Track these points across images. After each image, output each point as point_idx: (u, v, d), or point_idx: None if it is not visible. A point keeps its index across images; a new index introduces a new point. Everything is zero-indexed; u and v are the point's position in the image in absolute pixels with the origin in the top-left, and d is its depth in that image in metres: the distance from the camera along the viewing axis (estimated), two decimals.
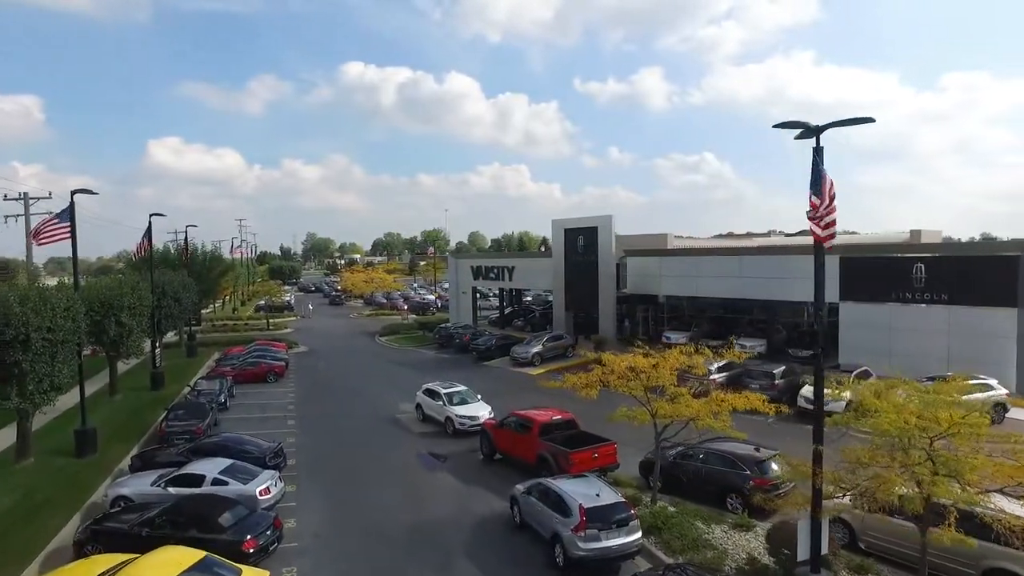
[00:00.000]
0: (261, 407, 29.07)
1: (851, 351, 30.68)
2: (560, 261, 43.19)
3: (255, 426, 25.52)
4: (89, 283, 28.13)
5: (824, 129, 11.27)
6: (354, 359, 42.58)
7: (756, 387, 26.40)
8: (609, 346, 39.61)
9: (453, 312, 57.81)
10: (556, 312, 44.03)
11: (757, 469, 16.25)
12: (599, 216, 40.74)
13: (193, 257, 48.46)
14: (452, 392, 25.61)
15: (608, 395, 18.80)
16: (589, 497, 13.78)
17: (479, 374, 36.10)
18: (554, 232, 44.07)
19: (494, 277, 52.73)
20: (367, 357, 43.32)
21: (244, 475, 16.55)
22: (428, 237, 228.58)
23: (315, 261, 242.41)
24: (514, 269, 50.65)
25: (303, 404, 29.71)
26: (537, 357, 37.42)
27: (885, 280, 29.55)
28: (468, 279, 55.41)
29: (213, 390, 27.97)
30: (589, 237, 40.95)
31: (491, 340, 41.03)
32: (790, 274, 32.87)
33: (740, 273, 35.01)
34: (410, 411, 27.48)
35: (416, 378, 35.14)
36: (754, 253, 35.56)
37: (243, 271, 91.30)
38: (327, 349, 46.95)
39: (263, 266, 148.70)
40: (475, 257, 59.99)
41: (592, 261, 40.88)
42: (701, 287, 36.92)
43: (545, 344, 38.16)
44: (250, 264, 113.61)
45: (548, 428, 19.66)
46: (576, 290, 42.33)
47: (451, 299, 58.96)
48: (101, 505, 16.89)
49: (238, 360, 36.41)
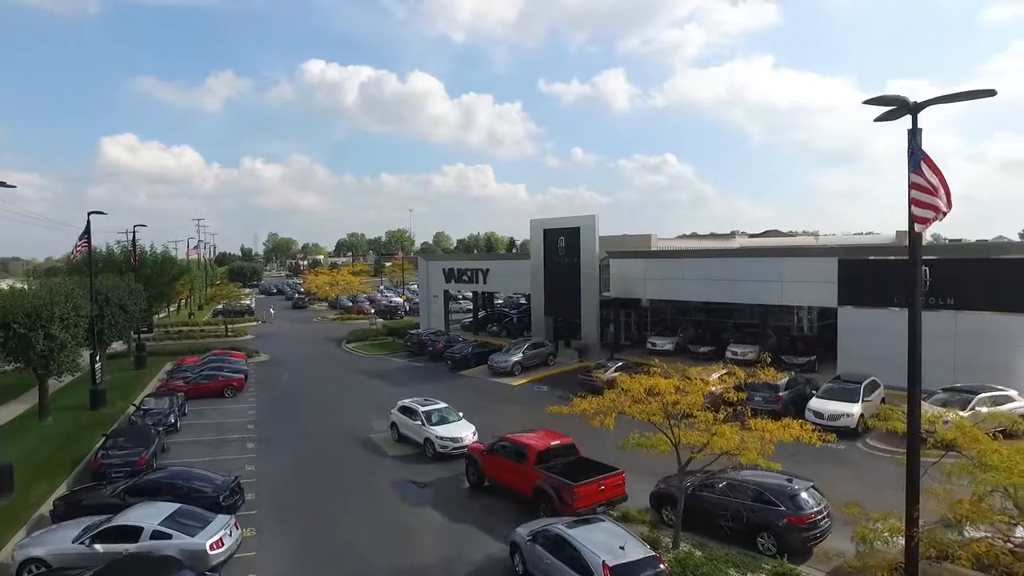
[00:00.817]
0: (217, 427, 26.09)
1: (851, 358, 29.24)
2: (539, 263, 41.01)
3: (209, 451, 22.64)
4: (11, 291, 24.64)
5: (924, 107, 9.25)
6: (320, 369, 39.63)
7: (759, 399, 24.67)
8: (592, 353, 37.65)
9: (424, 317, 55.13)
10: (535, 317, 41.84)
11: (792, 504, 14.24)
12: (582, 216, 38.69)
13: (142, 259, 44.62)
14: (431, 410, 23.14)
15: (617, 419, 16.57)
16: (612, 551, 11.56)
17: (455, 385, 33.67)
18: (532, 233, 41.87)
19: (467, 280, 50.29)
20: (334, 366, 40.41)
21: (192, 523, 13.83)
22: (393, 237, 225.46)
23: (277, 262, 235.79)
24: (489, 272, 48.29)
25: (265, 423, 26.83)
26: (517, 366, 35.15)
27: (887, 283, 28.13)
28: (440, 282, 52.82)
29: (162, 409, 24.93)
30: (571, 238, 38.87)
31: (467, 348, 38.60)
32: (782, 277, 31.36)
33: (730, 276, 33.35)
34: (384, 430, 24.92)
35: (388, 390, 32.69)
36: (744, 255, 34.01)
37: (200, 273, 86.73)
38: (290, 358, 43.83)
39: (222, 267, 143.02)
40: (447, 259, 57.41)
41: (574, 263, 38.81)
42: (690, 290, 35.19)
43: (526, 352, 35.91)
44: (208, 266, 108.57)
45: (546, 455, 17.41)
46: (556, 294, 40.21)
47: (422, 303, 56.28)
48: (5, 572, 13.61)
49: (192, 372, 33.19)
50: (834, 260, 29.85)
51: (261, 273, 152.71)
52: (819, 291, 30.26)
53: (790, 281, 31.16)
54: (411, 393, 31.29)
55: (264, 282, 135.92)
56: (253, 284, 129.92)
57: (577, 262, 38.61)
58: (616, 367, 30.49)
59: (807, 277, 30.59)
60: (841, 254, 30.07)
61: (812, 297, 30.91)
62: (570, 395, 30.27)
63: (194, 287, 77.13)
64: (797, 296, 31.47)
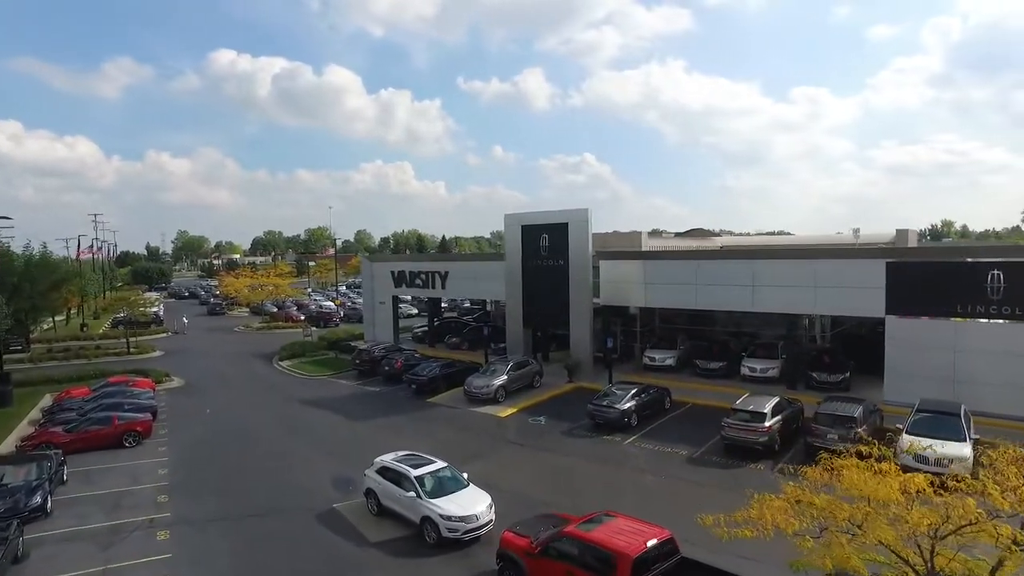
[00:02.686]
0: (110, 504, 18.46)
1: (901, 377, 25.06)
2: (516, 266, 35.00)
3: (95, 552, 15.29)
4: None
5: None
6: (251, 398, 31.94)
7: (835, 436, 19.80)
8: (584, 371, 32.07)
9: (368, 326, 47.91)
10: (511, 329, 35.81)
11: None
12: (571, 210, 32.97)
13: (9, 263, 35.14)
14: (426, 474, 16.71)
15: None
16: None
17: (427, 418, 27.20)
18: (508, 230, 35.77)
19: (421, 284, 43.58)
20: (268, 394, 32.80)
21: None
22: (312, 235, 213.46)
23: (188, 261, 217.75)
24: (448, 275, 41.83)
25: (182, 490, 19.43)
26: (501, 391, 28.99)
27: (948, 290, 24.07)
28: (388, 286, 45.81)
29: (21, 485, 17.18)
30: (557, 236, 33.09)
31: (433, 368, 32.03)
32: (816, 282, 26.87)
33: (752, 280, 28.59)
34: (354, 495, 18.35)
35: (344, 428, 25.89)
36: (770, 256, 29.34)
37: (95, 276, 74.89)
38: (212, 382, 35.74)
39: (124, 269, 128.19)
40: (398, 260, 50.44)
41: (560, 266, 33.07)
42: (702, 297, 30.19)
43: (510, 374, 29.79)
44: (106, 267, 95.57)
45: (643, 565, 11.44)
46: (538, 302, 34.34)
47: (365, 310, 49.00)
48: None
49: (78, 413, 25.09)
50: (881, 262, 25.57)
51: (170, 274, 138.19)
52: (862, 298, 25.92)
53: (826, 287, 26.68)
54: (373, 431, 24.88)
55: (174, 284, 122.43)
56: (161, 287, 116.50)
57: (565, 264, 32.88)
58: (634, 394, 25.01)
59: (847, 282, 26.20)
60: (889, 256, 25.79)
61: (853, 305, 26.55)
62: (584, 431, 24.30)
63: (88, 293, 65.87)
64: (835, 304, 27.07)
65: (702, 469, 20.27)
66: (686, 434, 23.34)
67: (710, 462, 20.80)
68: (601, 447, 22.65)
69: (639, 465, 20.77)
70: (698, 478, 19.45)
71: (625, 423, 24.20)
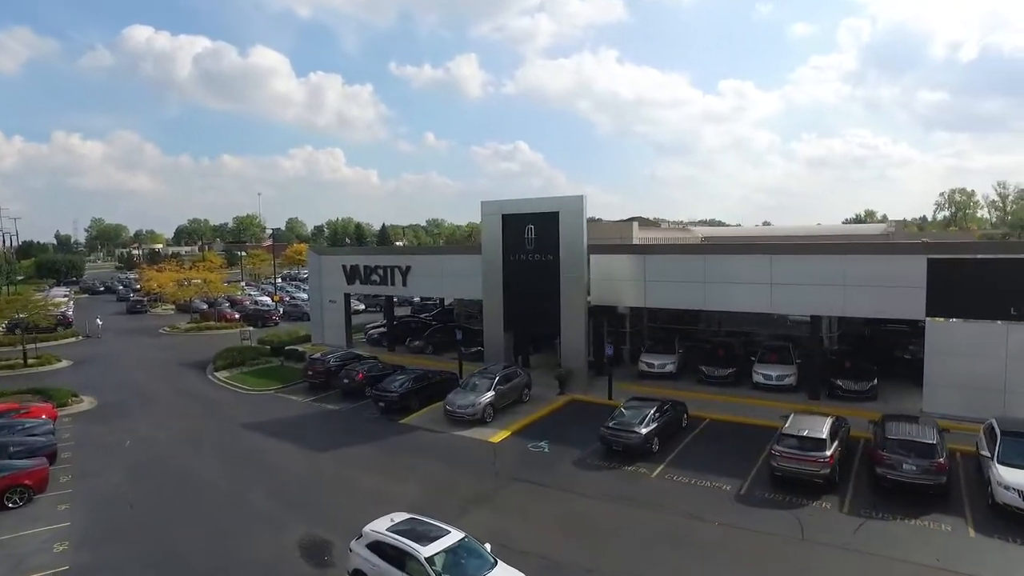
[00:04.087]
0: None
1: (943, 388, 22.50)
2: (495, 260, 30.66)
3: None
4: None
5: None
6: (184, 423, 26.35)
7: (912, 469, 16.74)
8: (578, 381, 28.25)
9: (316, 328, 42.57)
10: (490, 332, 31.49)
11: None
12: (562, 198, 28.85)
13: None
14: (439, 551, 12.34)
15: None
16: None
17: (404, 448, 22.66)
18: (485, 219, 31.29)
19: (379, 281, 38.63)
20: (205, 417, 27.30)
21: None
22: (241, 224, 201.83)
23: (103, 252, 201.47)
24: (410, 270, 37.09)
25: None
26: (489, 410, 24.77)
27: (999, 289, 21.50)
28: (339, 283, 40.63)
29: None
30: (545, 227, 28.95)
31: (404, 381, 27.27)
32: (845, 280, 23.99)
33: (772, 279, 25.43)
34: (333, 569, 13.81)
35: (305, 463, 21.04)
36: (792, 252, 26.14)
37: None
38: (132, 402, 29.79)
39: (27, 261, 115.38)
40: (351, 253, 44.98)
41: (549, 262, 28.97)
42: (713, 297, 26.79)
43: (498, 389, 25.53)
44: (5, 258, 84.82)
45: None
46: (522, 302, 30.17)
47: (313, 309, 43.57)
48: None
49: None
50: (922, 259, 22.79)
51: (82, 266, 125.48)
52: (899, 299, 23.15)
53: (857, 286, 23.78)
54: (339, 467, 20.62)
55: (87, 277, 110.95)
56: (72, 281, 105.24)
57: (554, 260, 28.80)
58: (654, 413, 21.29)
59: (882, 281, 23.35)
60: (930, 252, 22.99)
61: (889, 306, 23.73)
62: (598, 459, 20.26)
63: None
64: (867, 305, 24.16)
65: (758, 511, 16.74)
66: (718, 461, 19.86)
67: (763, 500, 17.32)
68: (625, 482, 18.82)
69: (680, 507, 17.05)
70: (761, 525, 15.88)
71: (648, 449, 20.50)
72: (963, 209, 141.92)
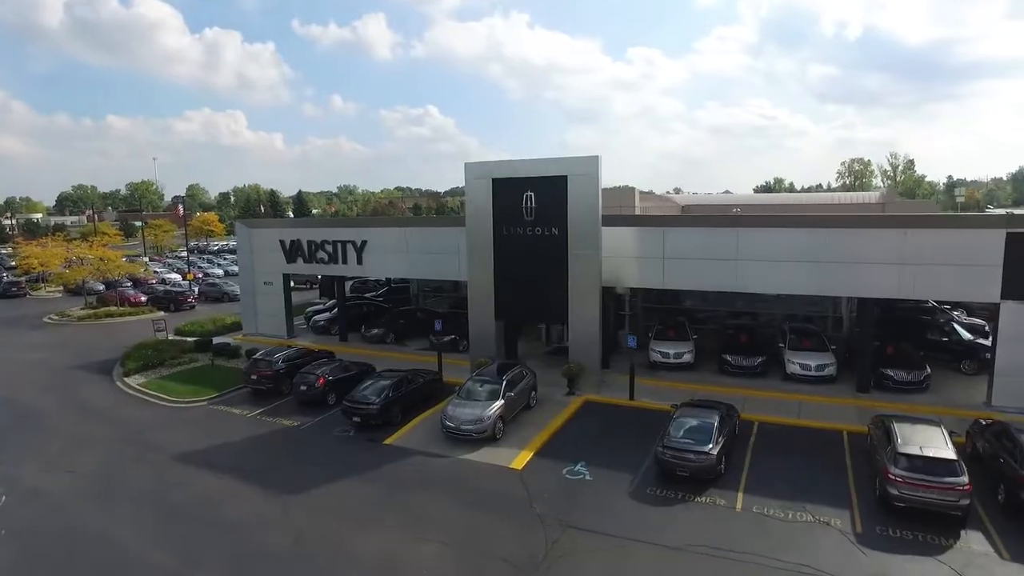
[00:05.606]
0: None
1: (1015, 378, 19.84)
2: (484, 234, 25.45)
3: None
4: None
5: None
6: (87, 462, 19.77)
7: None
8: (590, 379, 23.93)
9: (248, 315, 35.99)
10: (475, 321, 26.37)
11: None
12: (572, 158, 23.86)
13: None
14: None
15: None
16: None
17: (398, 485, 17.42)
18: (470, 185, 25.81)
19: (326, 259, 32.51)
20: (119, 447, 20.76)
21: None
22: (135, 190, 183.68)
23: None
24: (365, 245, 31.26)
25: None
26: (499, 424, 19.96)
27: None
28: (277, 261, 34.20)
29: None
30: (549, 194, 24.00)
31: (382, 389, 21.75)
32: (904, 259, 20.89)
33: (818, 256, 21.90)
34: None
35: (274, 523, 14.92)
36: (840, 225, 22.55)
37: None
38: (8, 432, 22.63)
39: None
40: (291, 226, 38.16)
41: (555, 236, 24.18)
42: (749, 277, 22.97)
43: (507, 397, 20.65)
44: None
45: None
46: (517, 285, 25.26)
47: (244, 294, 36.70)
48: None
49: None
50: (1000, 232, 19.82)
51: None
52: (969, 278, 20.22)
53: (920, 264, 20.64)
54: (322, 524, 15.04)
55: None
56: None
57: (561, 234, 24.04)
58: (719, 425, 17.26)
59: (950, 259, 20.29)
60: (1010, 225, 20.03)
61: (957, 287, 20.77)
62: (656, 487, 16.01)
63: None
64: (932, 286, 21.12)
65: (895, 559, 13.11)
66: (801, 483, 16.31)
67: (894, 540, 13.72)
68: (710, 523, 14.71)
69: (793, 557, 13.15)
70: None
71: (719, 472, 16.54)
72: (860, 178, 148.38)
